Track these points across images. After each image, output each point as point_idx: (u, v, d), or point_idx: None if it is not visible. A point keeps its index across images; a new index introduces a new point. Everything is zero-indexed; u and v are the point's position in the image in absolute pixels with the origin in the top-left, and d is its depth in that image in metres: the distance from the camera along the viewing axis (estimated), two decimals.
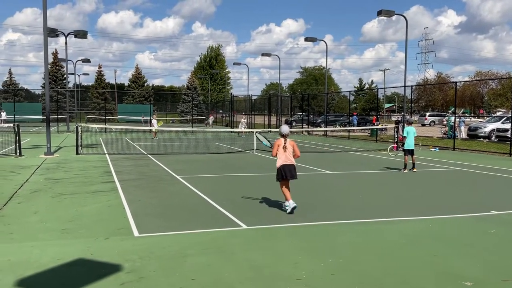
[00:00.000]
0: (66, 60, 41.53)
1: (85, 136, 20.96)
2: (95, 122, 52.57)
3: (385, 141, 27.34)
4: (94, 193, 9.77)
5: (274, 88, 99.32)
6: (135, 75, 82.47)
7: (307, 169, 14.19)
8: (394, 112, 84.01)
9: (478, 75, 76.80)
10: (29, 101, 69.96)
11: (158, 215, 7.88)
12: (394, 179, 12.55)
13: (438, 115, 56.43)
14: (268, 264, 5.38)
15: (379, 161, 17.30)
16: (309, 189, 10.76)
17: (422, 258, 5.67)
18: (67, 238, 6.43)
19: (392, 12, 27.74)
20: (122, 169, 13.71)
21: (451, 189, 11.07)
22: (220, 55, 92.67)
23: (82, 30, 37.18)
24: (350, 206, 8.89)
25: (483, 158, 18.44)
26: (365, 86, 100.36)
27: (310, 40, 40.39)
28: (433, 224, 7.45)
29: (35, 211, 8.05)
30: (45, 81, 19.25)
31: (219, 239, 6.38)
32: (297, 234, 6.73)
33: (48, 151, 17.65)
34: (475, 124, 31.56)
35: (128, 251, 5.76)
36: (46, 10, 18.09)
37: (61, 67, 70.90)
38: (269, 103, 48.25)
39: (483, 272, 5.21)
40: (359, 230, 6.98)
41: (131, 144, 24.49)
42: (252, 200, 9.27)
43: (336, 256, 5.66)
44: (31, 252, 5.73)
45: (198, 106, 71.36)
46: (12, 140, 18.32)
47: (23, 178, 11.76)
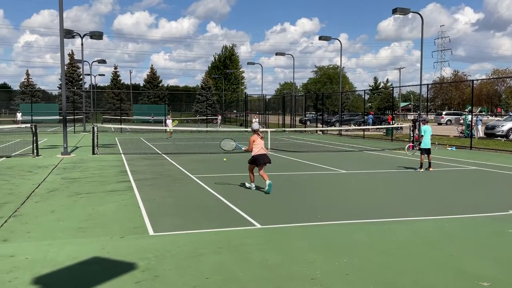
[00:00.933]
0: (82, 61, 42.03)
1: (101, 136, 21.17)
2: (110, 122, 53.07)
3: (401, 141, 27.10)
4: (110, 193, 9.86)
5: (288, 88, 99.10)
6: (150, 76, 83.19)
7: (321, 169, 14.14)
8: (409, 111, 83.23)
9: (495, 73, 75.74)
10: (46, 101, 70.91)
11: (173, 214, 7.92)
12: (410, 179, 12.43)
13: (454, 114, 55.74)
14: (282, 263, 5.37)
15: (395, 160, 17.15)
16: (324, 189, 10.73)
17: (438, 258, 5.60)
18: (83, 236, 6.50)
19: (408, 10, 27.47)
20: (138, 169, 13.82)
21: (467, 189, 10.93)
22: (234, 54, 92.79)
23: (97, 31, 37.54)
24: (364, 205, 8.83)
25: (501, 157, 18.16)
26: (380, 85, 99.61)
27: (324, 39, 40.20)
28: (449, 224, 7.36)
29: (52, 210, 8.15)
30: (62, 82, 19.48)
31: (233, 238, 6.39)
32: (311, 233, 6.71)
33: (65, 151, 17.87)
34: (493, 123, 31.10)
35: (143, 249, 5.80)
36: (63, 12, 18.33)
37: (77, 68, 71.82)
38: (283, 102, 48.20)
39: (500, 272, 5.14)
40: (374, 230, 6.93)
41: (146, 144, 24.67)
42: (266, 200, 9.26)
43: (350, 256, 5.63)
44: (47, 250, 5.81)
45: (212, 106, 71.61)
46: (30, 140, 18.59)
47: (40, 178, 11.92)
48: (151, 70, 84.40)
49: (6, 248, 5.88)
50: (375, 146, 23.69)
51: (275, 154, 19.01)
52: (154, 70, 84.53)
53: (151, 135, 32.82)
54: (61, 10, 18.26)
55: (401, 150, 20.99)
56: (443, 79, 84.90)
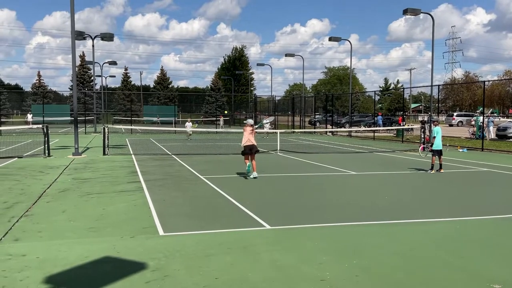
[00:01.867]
0: (94, 62, 42.34)
1: (111, 137, 21.31)
2: (121, 123, 53.39)
3: (411, 142, 26.93)
4: (120, 193, 9.92)
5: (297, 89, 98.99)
6: (160, 77, 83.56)
7: (331, 170, 14.10)
8: (420, 112, 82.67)
9: (507, 74, 74.99)
10: (58, 102, 71.51)
11: (182, 214, 7.94)
12: (421, 180, 12.34)
13: (466, 115, 55.23)
14: (292, 264, 5.36)
15: (405, 161, 17.04)
16: (334, 190, 10.69)
17: (449, 260, 5.56)
18: (94, 236, 6.54)
19: (418, 10, 27.31)
20: (148, 169, 13.88)
21: (479, 190, 10.83)
22: (243, 56, 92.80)
23: (108, 33, 37.80)
24: (375, 207, 8.79)
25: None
26: (390, 86, 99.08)
27: (335, 40, 40.12)
28: (460, 226, 7.30)
29: (63, 210, 8.22)
30: (73, 83, 19.65)
31: (243, 239, 6.39)
32: (321, 234, 6.69)
33: (76, 151, 18.01)
34: (504, 124, 30.77)
35: (153, 249, 5.83)
36: (74, 14, 18.48)
37: (89, 70, 72.41)
38: (292, 103, 48.13)
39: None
40: (384, 231, 6.89)
41: (156, 144, 24.78)
42: (276, 200, 9.25)
43: (361, 257, 5.60)
44: (58, 250, 5.86)
45: (222, 107, 71.73)
46: (41, 141, 18.76)
47: (51, 178, 12.03)
48: (161, 71, 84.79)
49: (18, 248, 5.94)
50: (385, 148, 23.57)
51: (284, 155, 18.99)
52: (164, 72, 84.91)
53: (161, 136, 32.96)
54: (73, 12, 18.42)
55: (411, 152, 20.86)
56: (454, 80, 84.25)
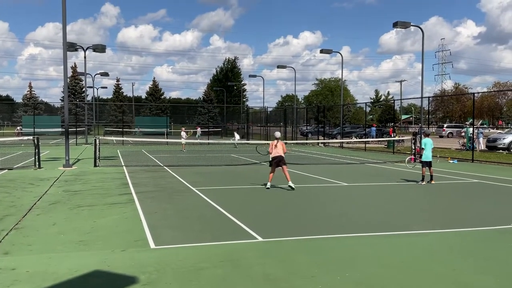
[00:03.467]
0: (85, 74, 42.21)
1: (103, 149, 21.20)
2: (112, 134, 53.15)
3: (402, 153, 27.08)
4: (111, 205, 9.85)
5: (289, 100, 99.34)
6: (152, 88, 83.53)
7: (323, 181, 14.12)
8: (411, 123, 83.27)
9: (496, 86, 75.93)
10: (49, 114, 71.16)
11: (174, 227, 7.90)
12: (412, 192, 12.40)
13: (456, 127, 55.75)
14: (285, 277, 5.34)
15: (396, 173, 17.12)
16: (325, 201, 10.70)
17: (441, 272, 5.57)
18: (85, 250, 6.48)
19: (408, 23, 27.64)
20: (139, 181, 13.82)
21: (470, 202, 10.90)
22: (236, 67, 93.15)
23: (100, 44, 37.76)
24: (366, 218, 8.80)
25: (503, 170, 18.13)
26: (381, 97, 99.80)
27: (326, 52, 40.42)
28: (451, 237, 7.33)
29: (53, 223, 8.14)
30: (64, 94, 19.59)
31: (235, 251, 6.36)
32: (313, 246, 6.68)
33: (67, 163, 17.89)
34: (494, 136, 31.07)
35: (144, 263, 5.78)
36: (66, 26, 18.48)
37: (80, 81, 72.16)
38: (284, 114, 48.28)
39: (504, 287, 5.10)
40: (376, 243, 6.90)
41: (148, 156, 24.68)
42: (268, 212, 9.24)
43: (353, 270, 5.60)
44: (48, 263, 5.79)
45: (214, 118, 71.76)
46: (32, 152, 18.62)
47: (42, 190, 11.93)
48: (154, 82, 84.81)
49: (7, 261, 5.87)
50: (376, 159, 23.67)
51: None
52: (157, 83, 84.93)
53: (153, 147, 32.85)
54: (64, 24, 18.42)
55: (402, 163, 20.96)
56: (444, 92, 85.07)
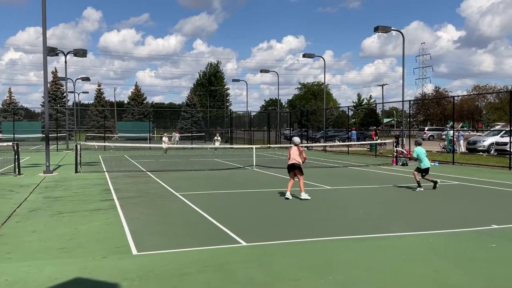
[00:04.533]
0: (66, 78, 41.75)
1: (84, 154, 20.96)
2: (94, 140, 52.59)
3: (385, 156, 27.34)
4: (92, 211, 9.73)
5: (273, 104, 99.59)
6: (134, 93, 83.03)
7: (306, 185, 14.11)
8: (393, 126, 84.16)
9: (476, 89, 77.27)
10: (29, 119, 70.10)
11: (157, 232, 7.83)
12: (394, 194, 12.52)
13: (436, 129, 56.53)
14: (269, 281, 5.33)
15: (379, 176, 17.27)
16: (309, 205, 10.73)
17: (423, 273, 5.63)
18: (65, 257, 6.38)
19: (389, 28, 27.99)
20: (121, 187, 13.68)
21: (451, 204, 11.04)
22: (219, 71, 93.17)
23: (81, 49, 37.40)
24: (349, 221, 8.85)
25: (483, 172, 18.43)
26: (363, 101, 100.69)
27: (308, 56, 40.69)
28: (433, 239, 7.41)
29: (33, 230, 8.00)
30: (45, 99, 19.32)
31: (219, 256, 6.33)
32: (297, 250, 6.68)
33: (47, 169, 17.63)
34: (474, 138, 31.58)
35: (126, 270, 5.72)
36: (46, 30, 18.24)
37: (61, 86, 71.39)
38: (268, 119, 48.36)
39: (485, 287, 5.17)
40: (359, 246, 6.94)
41: (130, 161, 24.46)
42: (252, 217, 9.23)
43: (336, 273, 5.62)
44: (28, 271, 5.69)
45: (198, 122, 71.58)
46: (11, 158, 18.31)
47: (21, 197, 11.72)
48: (136, 87, 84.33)
49: None
50: (359, 162, 23.85)
51: (260, 170, 19.01)
52: (139, 87, 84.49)
53: (135, 153, 32.58)
54: (44, 28, 18.18)
55: (385, 166, 21.16)
56: (424, 95, 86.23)
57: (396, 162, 21.93)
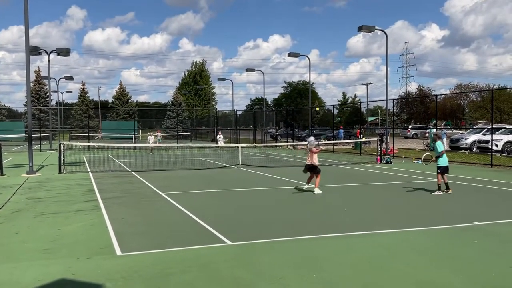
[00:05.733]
0: (49, 78, 41.26)
1: (68, 154, 20.76)
2: (78, 140, 52.08)
3: (369, 154, 27.57)
4: (76, 212, 9.67)
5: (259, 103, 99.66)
6: (119, 92, 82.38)
7: (292, 183, 14.23)
8: (377, 125, 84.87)
9: (458, 88, 78.32)
10: (12, 119, 69.09)
11: (141, 233, 7.82)
12: (377, 192, 12.65)
13: (420, 128, 57.12)
14: (253, 280, 5.37)
15: (364, 174, 17.43)
16: (294, 203, 10.80)
17: (403, 270, 5.72)
18: (49, 258, 6.34)
19: (373, 27, 28.19)
20: (106, 187, 13.60)
21: (433, 201, 11.19)
22: (204, 70, 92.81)
23: (65, 48, 36.89)
24: (333, 219, 8.94)
25: (465, 170, 18.71)
26: (348, 100, 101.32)
27: (294, 55, 40.78)
28: (414, 236, 7.52)
29: (16, 232, 7.93)
30: (27, 99, 19.09)
31: (203, 256, 6.36)
32: (282, 249, 6.74)
33: (30, 170, 17.43)
34: (457, 136, 32.01)
35: (110, 270, 5.71)
36: (28, 29, 18.02)
37: (44, 85, 70.36)
38: (254, 118, 48.41)
39: (466, 283, 5.28)
40: (343, 244, 7.02)
41: (115, 161, 24.30)
42: (237, 216, 9.26)
43: (320, 271, 5.68)
44: (11, 273, 5.64)
45: (183, 122, 71.31)
46: None
47: (4, 198, 11.58)
48: (120, 86, 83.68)
49: None
50: (344, 160, 24.02)
51: (246, 169, 19.04)
52: (123, 86, 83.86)
53: (120, 152, 32.35)
54: (27, 27, 17.96)
55: (370, 164, 21.36)
56: (408, 94, 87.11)
57: (380, 160, 22.15)
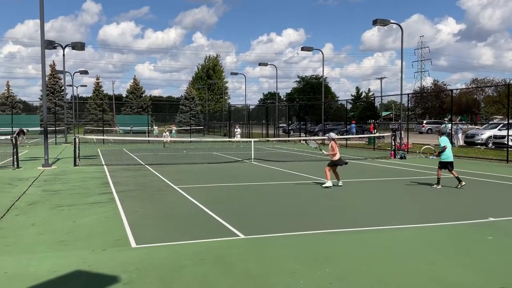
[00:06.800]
0: (64, 72, 41.62)
1: (82, 148, 20.95)
2: (93, 133, 52.55)
3: (383, 149, 27.38)
4: (91, 205, 9.76)
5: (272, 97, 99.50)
6: (132, 86, 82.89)
7: (304, 178, 14.20)
8: (391, 120, 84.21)
9: (474, 83, 77.27)
10: (27, 113, 69.95)
11: (155, 225, 7.87)
12: (391, 188, 12.56)
13: (435, 123, 56.52)
14: (266, 273, 5.37)
15: (377, 169, 17.32)
16: (306, 198, 10.77)
17: (419, 266, 5.67)
18: (64, 250, 6.41)
19: (388, 21, 27.90)
20: (120, 180, 13.70)
21: (448, 197, 11.08)
22: (217, 65, 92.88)
23: (80, 42, 37.17)
24: (346, 214, 8.90)
25: (480, 165, 18.48)
26: (362, 94, 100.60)
27: (307, 49, 40.56)
28: (428, 231, 7.46)
29: (32, 223, 8.03)
30: (43, 93, 19.29)
31: (216, 249, 6.37)
32: (294, 243, 6.72)
33: (46, 162, 17.64)
34: (472, 131, 31.62)
35: (125, 262, 5.75)
36: (44, 23, 18.18)
37: (59, 79, 71.18)
38: (266, 112, 48.34)
39: (481, 280, 5.22)
40: (357, 239, 6.98)
41: (129, 155, 24.48)
42: (250, 210, 9.27)
43: (333, 265, 5.66)
44: (27, 264, 5.72)
45: (196, 116, 71.53)
46: (10, 152, 18.31)
47: (20, 190, 11.74)
48: (134, 80, 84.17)
49: None
50: (357, 155, 23.87)
51: (258, 164, 19.04)
52: (137, 81, 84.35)
53: (134, 146, 32.58)
54: (42, 21, 18.11)
55: (383, 159, 21.21)
56: (423, 88, 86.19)
57: (394, 155, 21.98)
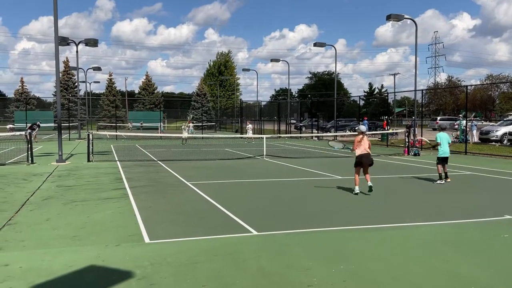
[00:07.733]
0: (78, 68, 41.97)
1: (96, 144, 21.11)
2: (106, 129, 52.93)
3: (396, 146, 27.17)
4: (105, 200, 9.82)
5: (283, 94, 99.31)
6: (145, 82, 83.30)
7: (317, 175, 14.15)
8: (404, 116, 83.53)
9: (489, 79, 76.27)
10: (41, 109, 70.70)
11: (168, 221, 7.89)
12: (405, 184, 12.45)
13: (449, 119, 55.93)
14: (279, 270, 5.35)
15: (390, 166, 17.18)
16: (319, 195, 10.72)
17: (434, 263, 5.61)
18: (78, 245, 6.46)
19: (402, 16, 27.65)
20: (133, 176, 13.78)
21: (463, 194, 10.96)
22: (229, 61, 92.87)
23: (93, 39, 37.47)
24: (360, 211, 8.83)
25: (496, 162, 18.24)
26: (375, 90, 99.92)
27: (319, 45, 40.37)
28: (445, 229, 7.37)
29: (47, 218, 8.11)
30: (57, 89, 19.45)
31: (230, 245, 6.37)
32: (307, 240, 6.69)
33: (60, 158, 17.80)
34: (487, 128, 31.23)
35: (139, 257, 5.77)
36: (57, 20, 18.32)
37: (73, 75, 71.75)
38: (278, 108, 48.25)
39: (496, 278, 5.15)
40: (370, 236, 6.93)
41: (142, 151, 24.61)
42: (263, 206, 9.25)
43: (347, 262, 5.62)
44: (42, 259, 5.77)
45: (208, 112, 71.67)
46: (24, 148, 18.50)
47: (35, 186, 11.86)
48: (146, 76, 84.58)
49: (0, 257, 5.83)
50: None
51: (270, 160, 19.01)
52: (150, 77, 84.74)
53: (147, 142, 32.76)
54: (56, 17, 18.25)
55: (396, 156, 21.03)
56: (437, 84, 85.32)
57: (408, 152, 21.79)
